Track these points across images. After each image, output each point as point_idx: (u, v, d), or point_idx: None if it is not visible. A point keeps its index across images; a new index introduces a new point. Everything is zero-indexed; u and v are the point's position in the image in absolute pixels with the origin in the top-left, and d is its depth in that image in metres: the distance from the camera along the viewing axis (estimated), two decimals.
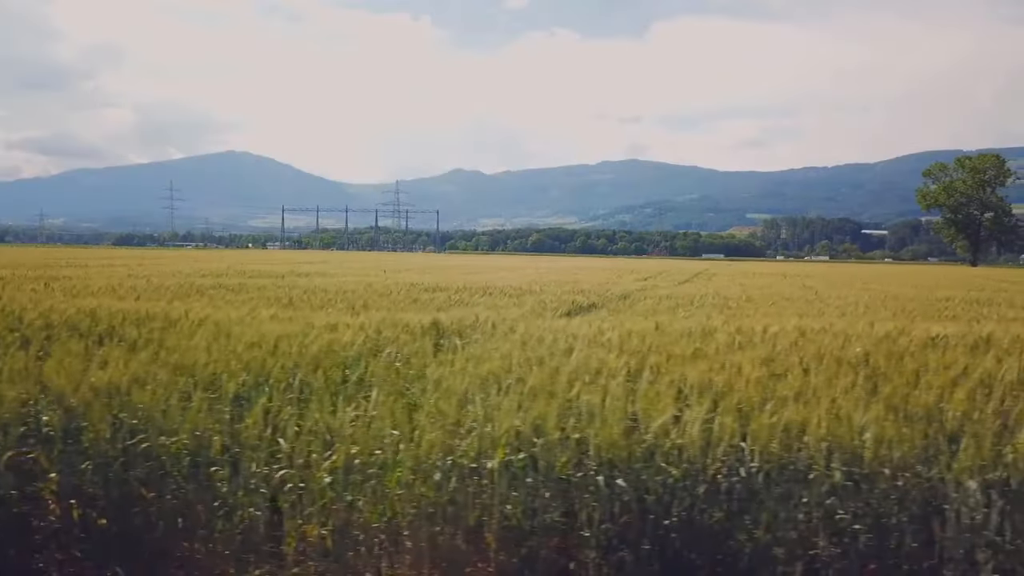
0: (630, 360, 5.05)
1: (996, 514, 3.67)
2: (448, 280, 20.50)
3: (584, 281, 23.14)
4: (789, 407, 3.95)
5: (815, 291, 17.98)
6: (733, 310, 12.16)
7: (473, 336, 6.54)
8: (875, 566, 3.72)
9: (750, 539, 3.64)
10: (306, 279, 18.66)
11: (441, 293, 14.62)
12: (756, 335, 6.55)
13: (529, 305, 12.27)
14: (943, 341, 6.35)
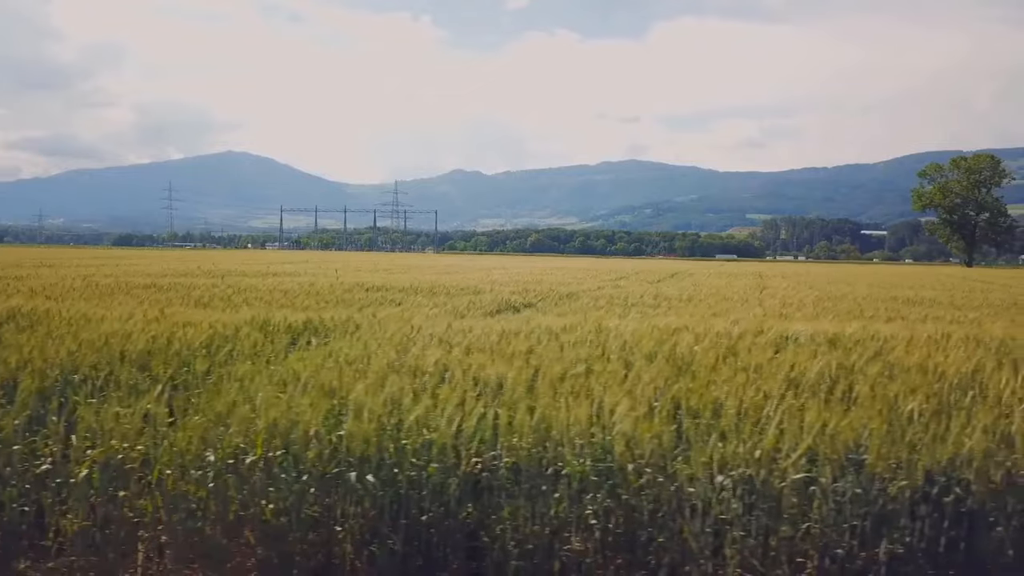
0: (466, 358, 5.10)
1: (742, 509, 3.72)
2: (406, 280, 20.56)
3: (547, 281, 23.18)
4: (560, 403, 3.99)
5: (763, 291, 18.02)
6: (659, 309, 12.21)
7: (334, 335, 6.59)
8: (622, 560, 3.77)
9: (501, 534, 3.69)
10: (257, 279, 18.72)
11: (378, 293, 14.68)
12: (620, 333, 6.59)
13: (455, 305, 12.34)
14: (795, 339, 6.39)
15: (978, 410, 4.11)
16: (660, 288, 19.21)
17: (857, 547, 3.71)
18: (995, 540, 3.73)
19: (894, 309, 12.80)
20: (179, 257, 51.74)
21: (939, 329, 8.36)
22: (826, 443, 3.73)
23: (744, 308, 12.40)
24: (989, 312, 13.25)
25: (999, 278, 43.63)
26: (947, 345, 6.26)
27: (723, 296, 15.47)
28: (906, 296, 17.95)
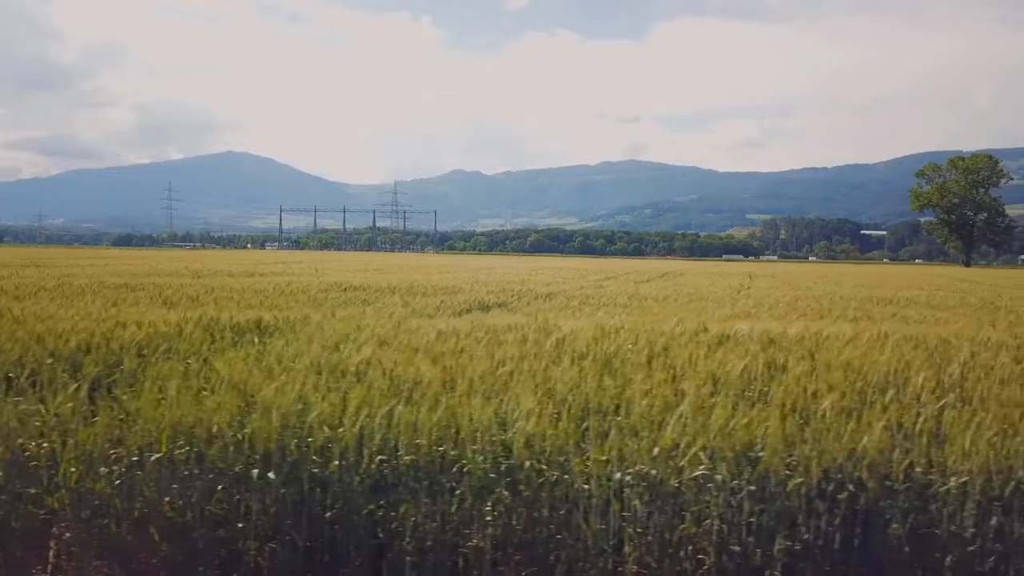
0: (392, 357, 5.14)
1: (643, 506, 3.76)
2: (390, 280, 20.58)
3: (532, 281, 23.21)
4: (469, 400, 4.03)
5: (741, 291, 18.06)
6: (628, 308, 12.25)
7: (279, 334, 6.62)
8: (521, 557, 3.80)
9: (398, 531, 3.72)
10: (238, 279, 18.77)
11: (354, 293, 14.72)
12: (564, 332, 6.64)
13: (426, 304, 12.38)
14: (734, 339, 6.43)
15: (883, 408, 4.14)
16: (641, 288, 19.25)
17: (754, 544, 3.74)
18: (892, 537, 3.76)
19: (864, 309, 12.82)
20: (173, 257, 51.76)
21: (892, 329, 8.40)
22: (724, 440, 3.77)
23: (714, 308, 12.44)
24: (962, 312, 13.27)
25: (991, 278, 43.65)
26: (885, 344, 6.29)
27: (699, 296, 15.51)
28: (886, 296, 17.97)
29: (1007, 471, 3.74)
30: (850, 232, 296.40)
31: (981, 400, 4.57)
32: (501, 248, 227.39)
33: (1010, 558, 3.72)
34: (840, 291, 20.24)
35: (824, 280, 31.11)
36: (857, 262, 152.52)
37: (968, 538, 3.73)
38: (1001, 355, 5.97)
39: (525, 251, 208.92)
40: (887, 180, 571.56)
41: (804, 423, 4.03)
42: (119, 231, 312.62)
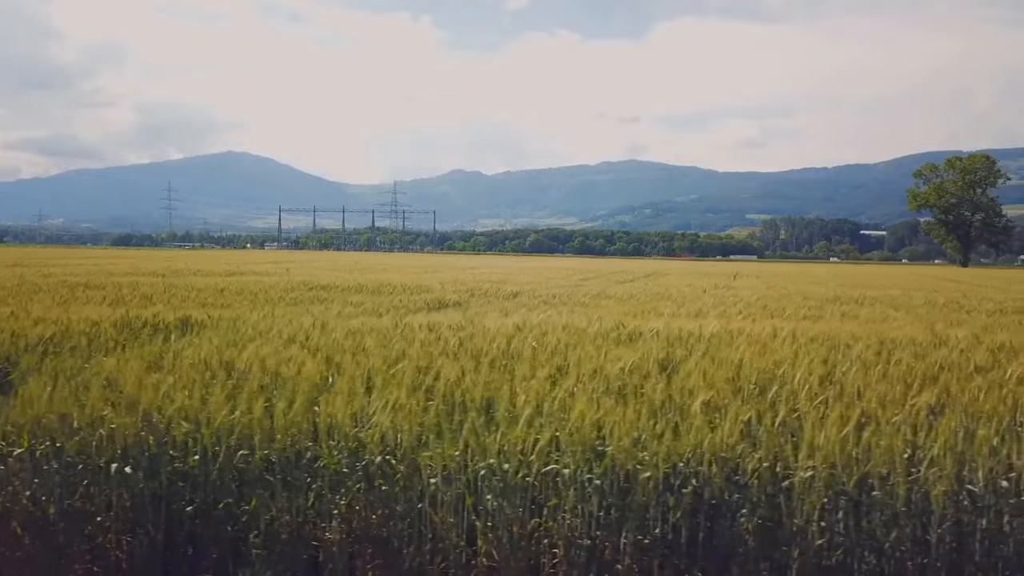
0: (283, 353, 5.21)
1: (495, 500, 3.81)
2: (364, 280, 20.65)
3: (511, 281, 23.28)
4: (334, 397, 4.09)
5: (706, 292, 18.11)
6: (586, 307, 12.32)
7: (196, 333, 6.68)
8: (374, 551, 3.86)
9: (247, 525, 3.78)
10: (209, 279, 18.87)
11: (319, 292, 14.81)
12: (487, 330, 6.70)
13: (382, 303, 12.44)
14: (643, 336, 6.49)
15: (744, 404, 4.20)
16: (613, 288, 19.32)
17: (603, 538, 3.80)
18: (740, 531, 3.82)
19: (821, 308, 12.87)
20: (165, 257, 51.84)
21: (826, 327, 8.46)
22: (574, 435, 3.82)
23: (669, 306, 12.51)
24: (922, 312, 13.30)
25: (981, 278, 43.65)
26: (793, 343, 6.35)
27: (663, 296, 15.56)
28: (855, 296, 18.01)
29: (853, 465, 3.80)
30: (850, 232, 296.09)
31: (851, 396, 4.61)
32: (500, 248, 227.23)
33: (855, 551, 3.78)
34: (815, 291, 20.27)
35: (808, 279, 31.16)
36: (856, 262, 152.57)
37: (815, 532, 3.79)
38: (902, 352, 6.02)
39: (524, 251, 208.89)
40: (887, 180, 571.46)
41: (657, 418, 4.08)
42: (119, 231, 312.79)
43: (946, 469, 3.78)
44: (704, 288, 19.51)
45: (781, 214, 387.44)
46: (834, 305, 14.14)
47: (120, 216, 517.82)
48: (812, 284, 26.72)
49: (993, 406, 4.51)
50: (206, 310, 8.66)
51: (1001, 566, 3.76)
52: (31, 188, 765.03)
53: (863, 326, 8.97)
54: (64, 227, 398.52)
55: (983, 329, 9.57)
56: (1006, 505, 3.76)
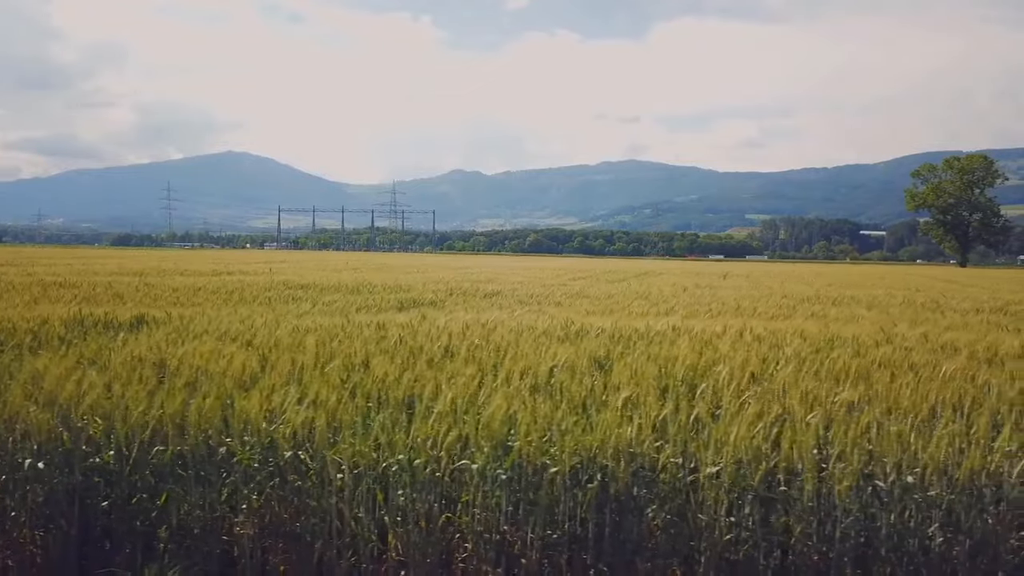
0: (216, 350, 5.25)
1: (406, 494, 3.84)
2: (347, 279, 20.67)
3: (497, 280, 23.28)
4: (253, 393, 4.12)
5: (686, 291, 18.14)
6: (559, 306, 12.36)
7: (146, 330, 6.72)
8: (284, 544, 3.89)
9: (157, 519, 3.81)
10: (191, 279, 18.88)
11: (297, 291, 14.83)
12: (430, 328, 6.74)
13: (353, 302, 12.47)
14: (588, 334, 6.53)
15: (673, 401, 4.24)
16: (596, 288, 19.35)
17: (511, 532, 3.83)
18: (648, 526, 3.85)
19: (794, 308, 12.89)
20: (160, 257, 51.83)
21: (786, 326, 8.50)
22: (483, 431, 3.86)
23: (642, 305, 12.53)
24: (895, 312, 13.31)
25: (975, 278, 43.61)
26: (739, 340, 6.38)
27: (642, 296, 15.58)
28: (835, 295, 18.05)
29: (759, 461, 3.83)
30: (849, 232, 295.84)
31: (776, 393, 4.64)
32: (500, 248, 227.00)
33: (760, 546, 3.81)
34: (799, 291, 20.28)
35: (797, 279, 31.17)
36: (856, 262, 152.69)
37: (723, 527, 3.82)
38: (844, 350, 6.05)
39: (524, 251, 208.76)
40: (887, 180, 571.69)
41: (579, 414, 4.11)
42: (119, 231, 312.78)
43: (853, 465, 3.81)
44: (686, 287, 19.54)
45: (781, 214, 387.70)
46: (808, 304, 14.17)
47: (120, 216, 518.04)
48: (800, 284, 26.73)
49: (912, 402, 4.55)
50: (167, 309, 8.69)
51: (906, 561, 3.79)
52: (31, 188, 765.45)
53: (823, 325, 9.00)
54: (64, 227, 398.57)
55: (945, 328, 9.62)
56: (911, 500, 3.79)
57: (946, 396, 4.67)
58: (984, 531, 3.79)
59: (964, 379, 5.13)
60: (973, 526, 3.79)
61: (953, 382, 5.02)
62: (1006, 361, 5.93)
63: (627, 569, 3.84)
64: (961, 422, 4.24)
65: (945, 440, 3.86)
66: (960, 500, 3.78)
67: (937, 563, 3.81)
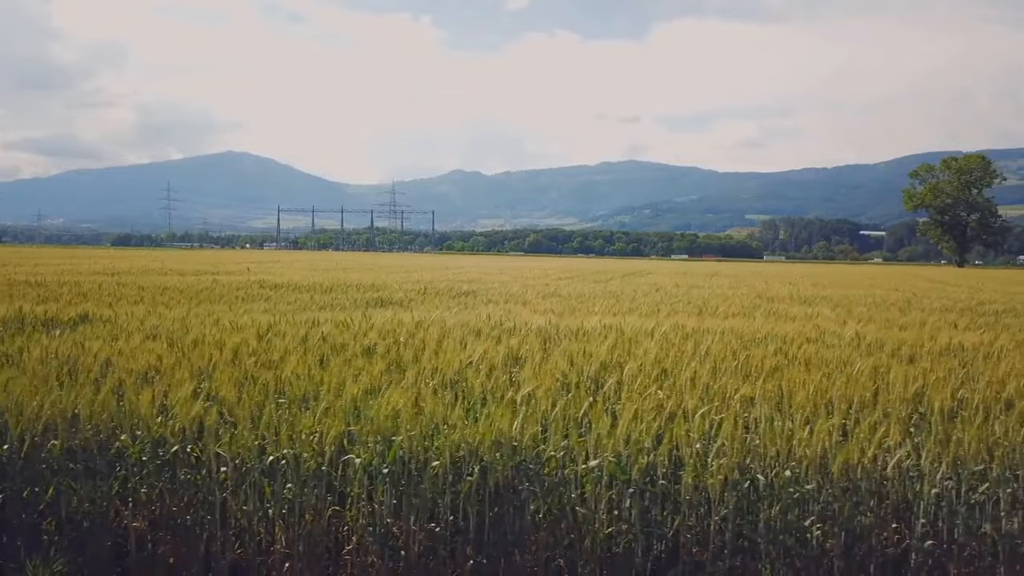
0: (138, 347, 5.32)
1: (293, 488, 3.90)
2: (318, 280, 20.72)
3: (480, 280, 23.35)
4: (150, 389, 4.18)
5: (659, 290, 18.21)
6: (525, 305, 12.44)
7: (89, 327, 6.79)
8: (172, 536, 3.95)
9: (44, 512, 3.88)
10: (165, 278, 18.97)
11: (271, 290, 14.92)
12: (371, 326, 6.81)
13: (309, 301, 12.55)
14: (518, 330, 6.60)
15: (576, 397, 4.30)
16: (574, 286, 19.42)
17: (393, 524, 3.89)
18: (530, 519, 3.91)
19: (758, 307, 12.95)
20: (152, 257, 51.90)
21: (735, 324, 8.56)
22: (367, 425, 3.92)
23: (604, 304, 12.62)
24: (862, 310, 13.36)
25: (965, 278, 43.64)
26: (662, 337, 6.44)
27: (614, 295, 15.64)
28: (810, 295, 18.13)
29: (638, 456, 3.89)
30: (849, 232, 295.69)
31: (678, 388, 4.70)
32: (499, 248, 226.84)
33: (639, 539, 3.87)
34: (777, 291, 20.35)
35: (783, 280, 31.21)
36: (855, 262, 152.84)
37: (603, 521, 3.88)
38: (766, 347, 6.11)
39: (524, 251, 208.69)
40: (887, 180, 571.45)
41: (476, 410, 4.17)
42: (119, 231, 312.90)
43: (731, 459, 3.87)
44: (661, 287, 19.59)
45: (781, 214, 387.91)
46: (774, 304, 14.23)
47: (120, 216, 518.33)
48: (784, 284, 26.75)
49: (810, 398, 4.60)
50: (119, 308, 8.76)
51: (783, 554, 3.84)
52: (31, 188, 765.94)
53: (772, 323, 9.07)
54: (64, 227, 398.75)
55: (900, 327, 9.70)
56: (786, 494, 3.84)
57: (847, 392, 4.73)
58: (859, 524, 3.85)
59: (872, 376, 5.19)
60: (848, 519, 3.85)
61: (861, 378, 5.08)
62: (923, 358, 5.99)
63: (508, 561, 3.90)
64: (851, 417, 4.31)
65: (823, 434, 3.92)
66: (834, 494, 3.85)
67: (815, 556, 3.87)
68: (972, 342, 6.89)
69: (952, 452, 3.88)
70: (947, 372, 5.38)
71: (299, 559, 3.88)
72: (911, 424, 4.34)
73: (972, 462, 3.89)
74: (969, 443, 3.91)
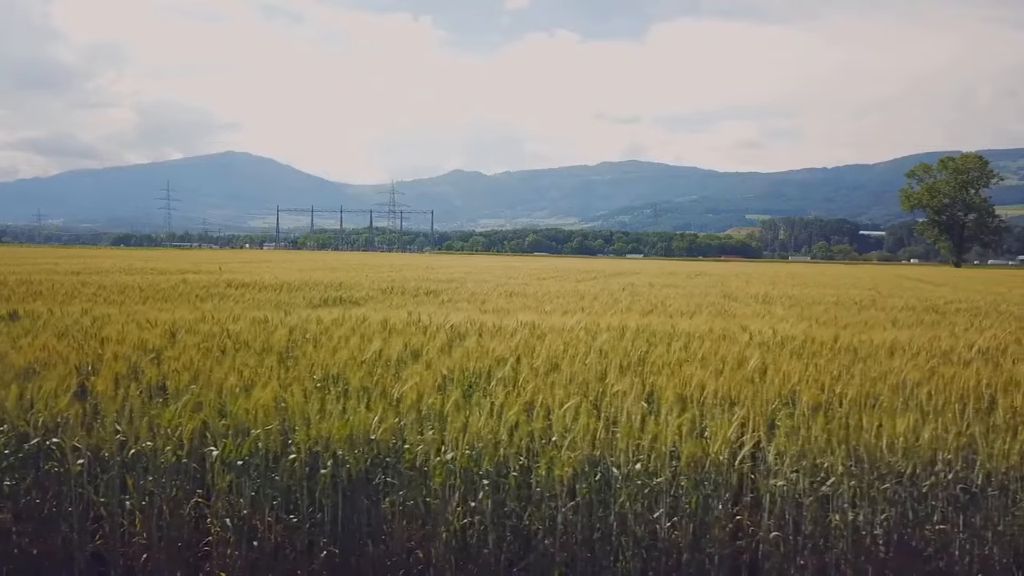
0: None
1: (155, 479, 3.98)
2: (297, 278, 20.80)
3: (458, 280, 23.42)
4: None
5: (624, 289, 18.28)
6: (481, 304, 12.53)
7: None
8: (34, 528, 4.03)
9: None
10: (139, 277, 19.06)
11: (236, 289, 14.97)
12: (293, 323, 6.89)
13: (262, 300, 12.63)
14: (434, 327, 6.68)
15: (451, 391, 4.37)
16: (547, 286, 19.52)
17: (251, 516, 3.96)
18: (381, 512, 3.99)
19: (711, 305, 13.04)
20: (143, 257, 51.97)
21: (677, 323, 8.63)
22: (226, 419, 3.99)
23: (559, 303, 12.72)
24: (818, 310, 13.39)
25: (954, 279, 43.60)
26: (569, 334, 6.52)
27: (578, 294, 15.72)
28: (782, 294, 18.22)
29: (490, 447, 3.96)
30: (849, 232, 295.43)
31: (563, 383, 4.75)
32: (499, 248, 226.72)
33: (490, 530, 3.94)
34: (749, 290, 20.41)
35: (764, 279, 31.27)
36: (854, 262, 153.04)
37: (458, 513, 3.95)
38: (674, 344, 6.19)
39: (523, 251, 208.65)
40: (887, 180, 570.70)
41: (344, 404, 4.24)
42: (118, 231, 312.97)
43: (583, 451, 3.94)
44: (632, 286, 19.66)
45: (781, 214, 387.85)
46: (733, 303, 14.30)
47: (120, 216, 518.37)
48: (764, 284, 26.80)
49: (689, 392, 4.67)
50: (57, 307, 8.83)
51: (633, 544, 3.91)
52: (30, 188, 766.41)
53: (708, 321, 9.13)
54: (64, 227, 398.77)
55: (829, 324, 9.79)
56: (634, 487, 3.91)
57: (726, 388, 4.80)
58: (708, 517, 3.92)
59: (760, 372, 5.25)
60: (697, 512, 3.92)
61: (748, 373, 5.15)
62: (823, 355, 6.06)
63: (362, 553, 3.97)
64: (709, 412, 4.38)
65: (675, 428, 3.99)
66: (683, 486, 3.92)
67: (665, 548, 3.94)
68: (887, 340, 6.96)
69: (799, 446, 3.96)
70: (838, 369, 5.45)
71: (158, 550, 3.96)
72: (774, 419, 4.40)
73: (818, 456, 3.96)
74: (816, 437, 3.99)
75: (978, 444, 3.98)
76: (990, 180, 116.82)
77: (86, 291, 12.66)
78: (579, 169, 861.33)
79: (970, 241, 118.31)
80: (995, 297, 19.89)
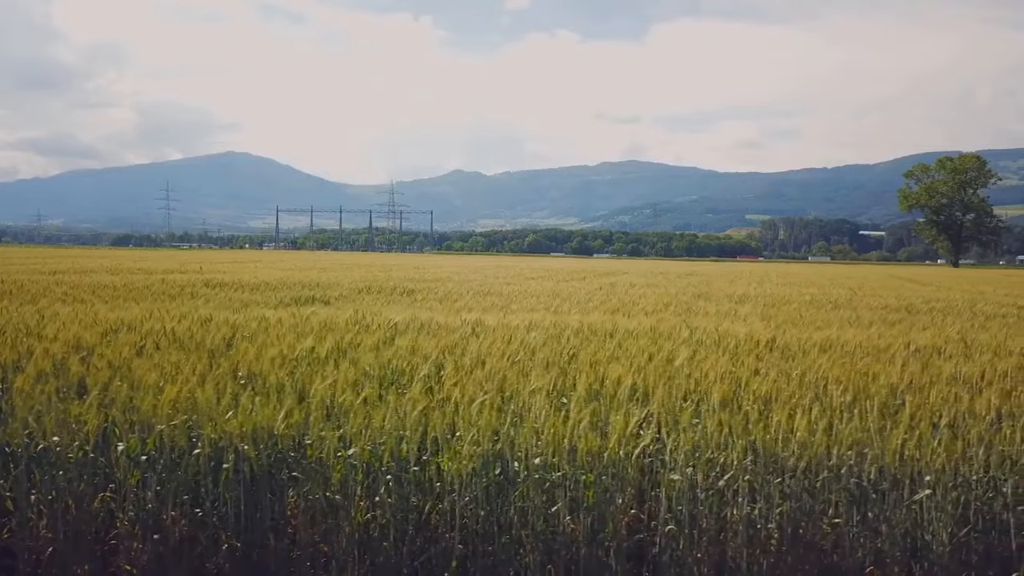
0: None
1: (57, 474, 4.04)
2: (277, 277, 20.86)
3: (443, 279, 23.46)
4: None
5: (601, 288, 18.34)
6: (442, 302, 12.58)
7: None
8: None
9: None
10: (115, 276, 19.14)
11: (211, 289, 15.04)
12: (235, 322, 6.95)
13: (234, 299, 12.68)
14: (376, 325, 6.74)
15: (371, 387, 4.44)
16: (523, 284, 19.55)
17: (157, 510, 4.02)
18: (284, 505, 4.05)
19: (679, 303, 13.10)
20: (136, 257, 52.04)
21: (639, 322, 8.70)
22: (130, 414, 4.05)
23: (529, 302, 12.77)
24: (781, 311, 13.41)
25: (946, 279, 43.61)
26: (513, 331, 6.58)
27: (554, 294, 15.77)
28: (763, 293, 18.27)
29: (391, 442, 4.02)
30: (849, 233, 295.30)
31: (484, 379, 4.80)
32: (498, 248, 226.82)
33: (391, 524, 4.00)
34: (730, 290, 20.46)
35: (752, 279, 31.32)
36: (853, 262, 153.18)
37: (359, 507, 4.01)
38: (605, 342, 6.24)
39: (522, 252, 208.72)
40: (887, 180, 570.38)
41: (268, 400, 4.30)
42: (118, 231, 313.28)
43: (483, 446, 4.00)
44: (611, 286, 19.72)
45: (781, 214, 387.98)
46: (704, 302, 14.34)
47: (120, 216, 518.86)
48: (752, 284, 26.83)
49: (590, 387, 4.72)
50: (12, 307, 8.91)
51: (532, 537, 3.97)
52: (30, 188, 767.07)
53: (661, 319, 9.18)
54: (63, 227, 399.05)
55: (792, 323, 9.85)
56: (533, 481, 3.97)
57: (643, 383, 4.86)
58: (606, 510, 3.97)
59: (688, 368, 5.31)
60: (595, 505, 3.97)
61: (669, 370, 5.21)
62: (750, 352, 6.12)
63: (264, 547, 4.03)
64: (616, 406, 4.44)
65: (572, 422, 4.05)
66: (579, 480, 3.98)
67: (564, 541, 4.00)
68: (825, 338, 7.03)
69: (694, 440, 4.01)
70: (764, 366, 5.51)
71: (63, 543, 4.02)
72: (678, 414, 4.46)
73: (715, 451, 4.02)
74: (712, 433, 4.04)
75: (873, 440, 4.04)
76: (988, 180, 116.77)
77: (56, 291, 12.71)
78: (579, 169, 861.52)
79: (968, 241, 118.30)
80: (976, 296, 19.95)
